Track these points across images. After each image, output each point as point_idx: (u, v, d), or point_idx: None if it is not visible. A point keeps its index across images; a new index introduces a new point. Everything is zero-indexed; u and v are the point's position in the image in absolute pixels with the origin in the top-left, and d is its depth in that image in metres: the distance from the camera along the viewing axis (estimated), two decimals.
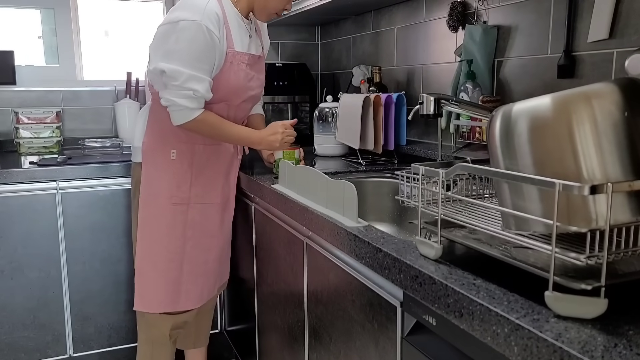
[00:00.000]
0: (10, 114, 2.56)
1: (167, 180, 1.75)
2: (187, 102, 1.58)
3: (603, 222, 0.68)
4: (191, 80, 1.56)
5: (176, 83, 1.55)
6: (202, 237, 1.81)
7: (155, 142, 1.76)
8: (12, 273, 2.06)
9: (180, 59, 1.55)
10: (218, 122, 1.67)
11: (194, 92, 1.57)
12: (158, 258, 1.76)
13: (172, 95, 1.58)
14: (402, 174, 1.06)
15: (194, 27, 1.54)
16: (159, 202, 1.75)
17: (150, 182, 1.76)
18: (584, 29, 1.42)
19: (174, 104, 1.59)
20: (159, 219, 1.75)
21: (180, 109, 1.60)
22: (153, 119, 1.77)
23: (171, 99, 1.58)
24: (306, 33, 3.04)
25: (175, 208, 1.75)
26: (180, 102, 1.58)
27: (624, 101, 0.72)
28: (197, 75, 1.57)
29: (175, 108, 1.60)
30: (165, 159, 1.75)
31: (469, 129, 1.71)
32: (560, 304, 0.68)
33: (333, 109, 2.23)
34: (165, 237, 1.76)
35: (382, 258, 0.99)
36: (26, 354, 2.12)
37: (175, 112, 1.61)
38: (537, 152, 0.75)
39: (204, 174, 1.79)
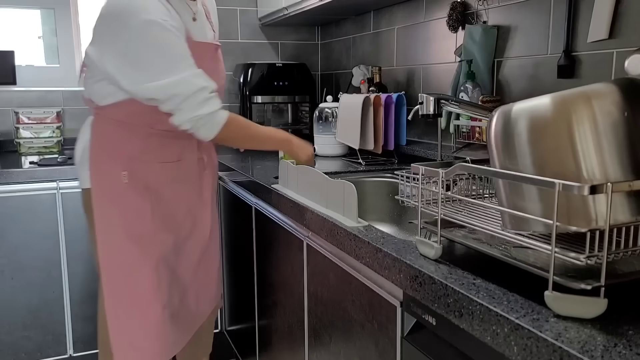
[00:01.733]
0: (11, 114, 2.56)
1: (122, 211, 1.41)
2: (208, 106, 1.32)
3: (603, 222, 0.68)
4: (193, 82, 1.30)
5: (180, 99, 1.29)
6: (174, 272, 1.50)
7: (102, 163, 1.42)
8: (12, 273, 2.06)
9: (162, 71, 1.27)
10: (245, 121, 1.45)
11: (207, 91, 1.32)
12: (132, 301, 1.43)
13: (188, 113, 1.31)
14: (402, 173, 1.06)
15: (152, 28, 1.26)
16: (118, 238, 1.41)
17: (102, 215, 1.41)
18: (584, 29, 1.42)
19: (198, 119, 1.32)
20: (122, 257, 1.42)
21: (206, 121, 1.34)
22: (96, 135, 1.43)
23: (190, 117, 1.31)
24: (306, 33, 3.04)
25: (139, 244, 1.42)
26: (203, 112, 1.31)
27: (624, 101, 0.72)
28: (192, 73, 1.31)
29: (200, 123, 1.33)
30: (116, 183, 1.40)
31: (469, 129, 1.71)
32: (560, 303, 0.68)
33: (333, 109, 2.23)
34: (135, 278, 1.43)
35: (382, 258, 0.99)
36: (26, 354, 2.12)
37: (202, 128, 1.35)
38: (537, 152, 0.75)
39: (166, 198, 1.47)
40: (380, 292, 1.05)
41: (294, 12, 2.42)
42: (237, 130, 1.43)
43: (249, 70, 2.62)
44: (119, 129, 1.40)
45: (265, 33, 2.97)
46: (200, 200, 1.56)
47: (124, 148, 1.41)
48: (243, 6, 2.90)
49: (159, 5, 1.29)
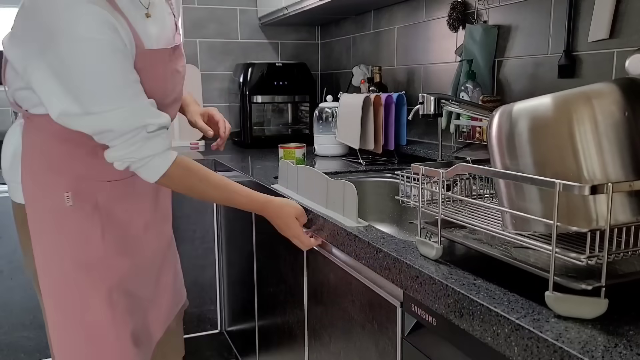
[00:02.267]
0: (10, 114, 2.56)
1: (67, 236, 1.19)
2: (147, 148, 1.10)
3: (603, 222, 0.68)
4: (129, 119, 1.07)
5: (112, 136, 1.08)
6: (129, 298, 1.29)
7: (39, 182, 1.18)
8: (11, 273, 2.06)
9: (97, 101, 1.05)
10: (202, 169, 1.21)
11: (145, 130, 1.09)
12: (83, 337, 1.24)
13: (121, 152, 1.09)
14: (402, 173, 1.06)
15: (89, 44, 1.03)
16: (62, 267, 1.20)
17: (42, 241, 1.19)
18: (585, 29, 1.42)
19: (133, 162, 1.11)
20: (69, 288, 1.21)
21: (144, 164, 1.12)
22: (30, 146, 1.17)
23: (123, 157, 1.10)
24: (306, 33, 3.04)
25: (88, 272, 1.21)
26: (138, 156, 1.10)
27: (625, 101, 0.72)
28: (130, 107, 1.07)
29: (136, 165, 1.12)
30: (58, 205, 1.18)
31: (469, 129, 1.71)
32: (560, 304, 0.68)
33: (333, 109, 2.23)
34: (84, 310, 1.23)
35: (382, 258, 0.99)
36: (26, 354, 2.12)
37: (142, 169, 1.14)
38: (538, 152, 0.75)
39: (119, 218, 1.26)
40: (380, 292, 1.04)
41: (294, 12, 2.42)
42: (188, 177, 1.19)
43: (249, 70, 2.62)
44: (58, 143, 1.17)
45: (265, 33, 2.97)
46: (158, 214, 1.38)
47: (66, 165, 1.18)
48: (243, 6, 2.90)
49: (98, 14, 1.02)
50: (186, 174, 1.19)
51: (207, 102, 2.85)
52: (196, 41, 2.85)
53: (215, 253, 2.34)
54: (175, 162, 1.16)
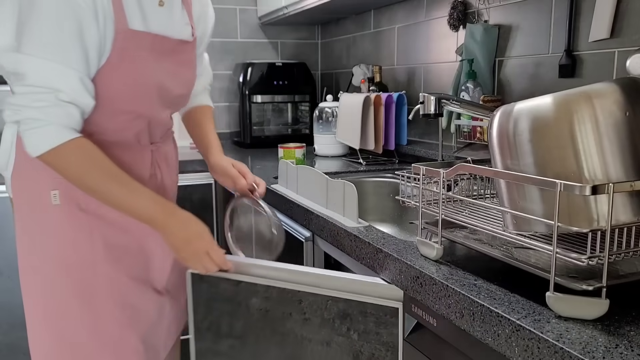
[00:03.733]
0: None
1: (51, 237, 1.13)
2: (54, 113, 0.99)
3: (604, 223, 0.68)
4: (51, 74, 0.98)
5: (25, 81, 0.98)
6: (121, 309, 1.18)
7: (26, 178, 1.13)
8: (11, 273, 2.06)
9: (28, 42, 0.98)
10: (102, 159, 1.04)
11: (56, 95, 0.98)
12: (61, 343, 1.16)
13: (25, 100, 0.98)
14: (402, 174, 1.06)
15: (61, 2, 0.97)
16: (47, 269, 1.14)
17: (26, 240, 1.16)
18: (585, 29, 1.42)
19: (25, 120, 0.99)
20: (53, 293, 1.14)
21: (36, 126, 0.99)
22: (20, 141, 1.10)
23: (25, 108, 0.99)
24: (306, 32, 3.04)
25: (75, 274, 1.14)
26: (33, 115, 0.98)
27: (626, 101, 0.72)
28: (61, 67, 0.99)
29: (27, 125, 1.00)
30: (43, 204, 1.12)
31: (470, 129, 1.71)
32: (561, 304, 0.68)
33: (333, 109, 2.23)
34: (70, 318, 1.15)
35: (383, 258, 0.99)
36: (25, 355, 2.11)
37: (28, 133, 1.00)
38: (538, 152, 0.75)
39: (112, 222, 1.15)
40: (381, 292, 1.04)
41: (294, 11, 2.42)
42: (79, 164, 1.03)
43: (249, 70, 2.62)
44: None
45: (265, 32, 2.96)
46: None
47: None
48: (242, 5, 2.90)
49: None
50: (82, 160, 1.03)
51: None
52: None
53: None
54: (72, 142, 1.01)
